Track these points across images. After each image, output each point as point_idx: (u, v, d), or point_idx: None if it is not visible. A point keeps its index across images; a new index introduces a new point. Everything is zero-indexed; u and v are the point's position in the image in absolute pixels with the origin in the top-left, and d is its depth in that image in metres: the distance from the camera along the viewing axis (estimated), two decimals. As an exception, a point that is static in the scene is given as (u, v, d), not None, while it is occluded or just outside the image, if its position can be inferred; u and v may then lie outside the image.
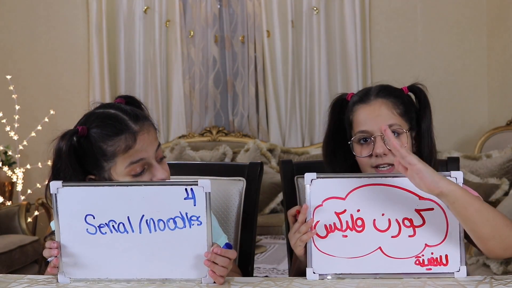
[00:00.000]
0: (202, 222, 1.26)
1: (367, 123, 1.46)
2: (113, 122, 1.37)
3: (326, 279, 1.31)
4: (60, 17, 5.25)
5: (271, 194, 4.55)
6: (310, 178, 1.31)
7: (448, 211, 1.29)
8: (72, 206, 1.28)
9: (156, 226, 1.27)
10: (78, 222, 1.28)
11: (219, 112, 5.34)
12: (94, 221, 1.28)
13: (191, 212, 1.26)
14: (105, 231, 1.28)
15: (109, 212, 1.27)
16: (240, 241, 1.71)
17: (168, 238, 1.27)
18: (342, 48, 5.15)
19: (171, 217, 1.26)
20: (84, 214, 1.27)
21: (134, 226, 1.27)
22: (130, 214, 1.27)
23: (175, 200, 1.26)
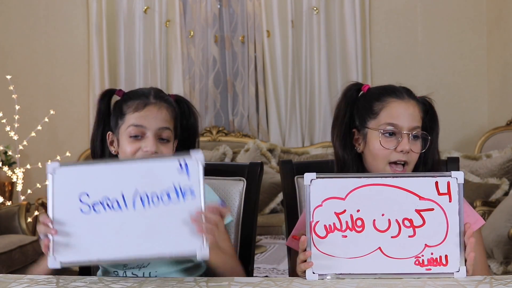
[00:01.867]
0: (196, 195, 1.26)
1: (400, 118, 1.48)
2: (140, 92, 1.54)
3: (326, 279, 1.31)
4: (60, 17, 5.24)
5: (271, 194, 4.55)
6: (310, 178, 1.31)
7: (448, 211, 1.29)
8: (67, 186, 1.29)
9: (150, 200, 1.27)
10: (73, 201, 1.28)
11: (219, 112, 5.34)
12: (89, 199, 1.28)
13: (185, 184, 1.26)
14: (99, 209, 1.28)
15: (103, 189, 1.28)
16: (240, 241, 1.71)
17: (162, 213, 1.26)
18: (342, 48, 5.15)
19: (165, 190, 1.26)
20: (79, 193, 1.28)
21: (128, 202, 1.27)
22: (124, 190, 1.27)
23: (168, 173, 1.27)
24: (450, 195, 1.29)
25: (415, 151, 1.48)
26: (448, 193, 1.29)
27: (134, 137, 1.47)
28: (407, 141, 1.46)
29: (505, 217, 3.01)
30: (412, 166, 1.49)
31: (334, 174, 1.36)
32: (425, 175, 1.32)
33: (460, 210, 1.29)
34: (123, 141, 1.49)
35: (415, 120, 1.48)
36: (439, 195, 1.29)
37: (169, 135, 1.50)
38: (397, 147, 1.46)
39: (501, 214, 3.08)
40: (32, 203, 4.34)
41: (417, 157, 1.49)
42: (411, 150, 1.46)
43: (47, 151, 4.97)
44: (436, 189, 1.29)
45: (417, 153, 1.48)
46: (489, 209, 3.30)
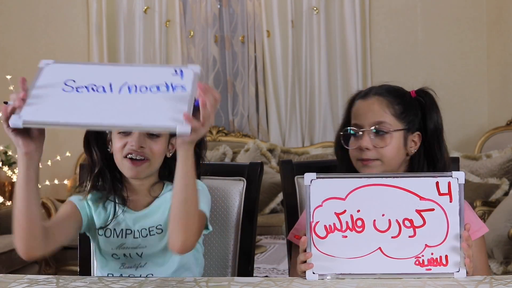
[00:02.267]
0: (187, 89, 1.22)
1: (360, 116, 1.52)
2: None
3: (326, 279, 1.31)
4: (60, 17, 5.24)
5: (271, 194, 4.55)
6: (310, 178, 1.31)
7: (449, 211, 1.29)
8: (56, 74, 1.25)
9: (138, 89, 1.22)
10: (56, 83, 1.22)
11: (219, 112, 5.34)
12: (74, 83, 1.22)
13: (178, 82, 1.23)
14: (82, 90, 1.21)
15: (90, 78, 1.23)
16: (240, 241, 1.71)
17: (147, 98, 1.21)
18: (342, 48, 5.15)
19: (155, 84, 1.22)
20: (66, 79, 1.23)
21: (114, 88, 1.21)
22: (113, 80, 1.22)
23: (162, 75, 1.24)
24: (451, 195, 1.29)
25: (380, 146, 1.48)
26: (449, 193, 1.29)
27: (122, 133, 1.45)
28: (366, 138, 1.49)
29: (505, 217, 3.01)
30: (387, 162, 1.49)
31: (334, 174, 1.36)
32: (425, 175, 1.32)
33: (460, 210, 1.29)
34: (114, 137, 1.48)
35: (376, 116, 1.50)
36: (439, 195, 1.29)
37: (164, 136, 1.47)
38: (358, 145, 1.50)
39: (501, 214, 3.08)
40: (32, 203, 4.34)
41: (388, 152, 1.48)
42: (374, 146, 1.48)
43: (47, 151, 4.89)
44: (436, 189, 1.29)
45: (382, 147, 1.48)
46: (489, 209, 3.30)
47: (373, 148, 1.48)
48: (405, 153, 1.53)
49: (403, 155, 1.53)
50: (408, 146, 1.53)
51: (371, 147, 1.48)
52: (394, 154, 1.50)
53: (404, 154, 1.53)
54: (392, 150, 1.49)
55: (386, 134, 1.49)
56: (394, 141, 1.49)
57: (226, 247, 1.70)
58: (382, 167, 1.49)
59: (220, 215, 1.71)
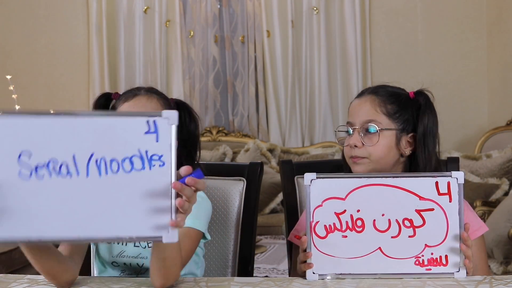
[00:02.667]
0: (166, 163, 1.05)
1: (352, 115, 1.54)
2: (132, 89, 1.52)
3: (326, 279, 1.31)
4: (60, 17, 5.24)
5: (271, 194, 4.55)
6: (310, 178, 1.31)
7: (448, 211, 1.29)
8: (6, 141, 1.04)
9: (108, 168, 1.04)
10: (10, 161, 1.03)
11: (219, 112, 5.34)
12: (30, 160, 1.03)
13: (152, 149, 1.05)
14: (42, 173, 1.04)
15: (50, 148, 1.04)
16: (240, 241, 1.71)
17: (122, 183, 1.04)
18: (342, 48, 5.15)
19: (128, 156, 1.05)
20: (19, 151, 1.03)
21: (80, 168, 1.04)
22: (76, 152, 1.04)
23: (133, 135, 1.05)
24: (450, 195, 1.29)
25: (368, 144, 1.49)
26: (448, 193, 1.29)
27: None
28: (355, 136, 1.51)
29: (505, 217, 3.01)
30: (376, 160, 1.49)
31: (334, 174, 1.36)
32: (425, 175, 1.31)
33: (460, 210, 1.29)
34: None
35: (366, 115, 1.51)
36: (439, 195, 1.29)
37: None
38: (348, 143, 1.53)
39: (501, 214, 3.08)
40: (32, 203, 4.34)
41: (376, 151, 1.49)
42: (363, 144, 1.49)
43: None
44: (436, 189, 1.29)
45: (370, 146, 1.49)
46: (489, 209, 3.30)
47: (361, 145, 1.49)
48: (399, 153, 1.52)
49: (396, 155, 1.52)
50: (402, 147, 1.52)
51: (360, 145, 1.50)
52: (384, 153, 1.50)
53: (397, 154, 1.52)
54: (381, 149, 1.49)
55: (375, 133, 1.49)
56: (384, 141, 1.49)
57: (226, 247, 1.71)
58: (371, 165, 1.49)
59: (220, 215, 1.71)
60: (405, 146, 1.52)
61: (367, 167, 1.49)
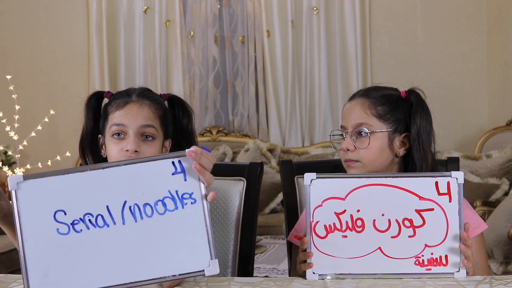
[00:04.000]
0: (197, 199, 1.09)
1: (344, 118, 1.56)
2: (124, 92, 1.51)
3: (326, 279, 1.31)
4: (60, 17, 5.24)
5: (271, 194, 4.55)
6: (310, 178, 1.31)
7: (448, 211, 1.29)
8: (37, 204, 1.07)
9: (142, 212, 1.08)
10: (46, 222, 1.07)
11: (219, 112, 5.34)
12: (66, 217, 1.07)
13: (182, 189, 1.08)
14: (80, 228, 1.07)
15: (83, 204, 1.07)
16: (240, 241, 1.71)
17: (158, 225, 1.08)
18: (342, 48, 5.15)
19: (159, 199, 1.08)
20: (53, 211, 1.07)
21: (115, 217, 1.07)
22: (109, 203, 1.08)
23: (161, 178, 1.08)
24: (450, 195, 1.29)
25: (360, 147, 1.50)
26: (448, 193, 1.29)
27: (117, 136, 1.43)
28: (347, 140, 1.52)
29: (505, 217, 3.01)
30: (368, 163, 1.50)
31: (334, 174, 1.36)
32: (425, 175, 1.31)
33: (460, 210, 1.29)
34: (108, 141, 1.46)
35: (357, 118, 1.52)
36: (439, 195, 1.29)
37: (153, 133, 1.45)
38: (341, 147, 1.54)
39: (501, 214, 3.08)
40: (32, 203, 4.34)
41: (369, 153, 1.50)
42: (355, 148, 1.50)
43: (47, 151, 4.97)
44: (436, 189, 1.29)
45: (362, 149, 1.49)
46: (489, 209, 3.30)
47: (354, 149, 1.50)
48: (393, 154, 1.53)
49: (389, 156, 1.52)
50: (396, 147, 1.52)
51: (352, 148, 1.51)
52: (376, 155, 1.50)
53: (391, 155, 1.53)
54: (372, 151, 1.50)
55: (366, 136, 1.50)
56: (376, 143, 1.50)
57: (226, 247, 1.70)
58: (364, 168, 1.50)
59: (220, 215, 1.71)
60: (398, 147, 1.53)
61: (361, 171, 1.50)
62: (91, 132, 1.53)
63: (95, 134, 1.53)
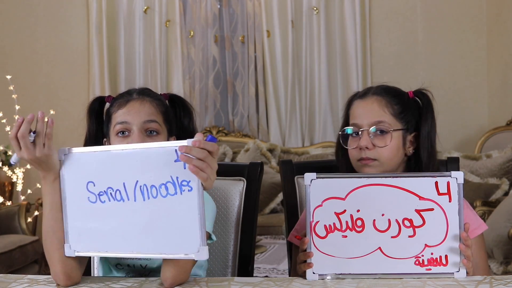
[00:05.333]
0: (193, 188, 1.17)
1: (359, 116, 1.52)
2: (125, 92, 1.54)
3: (326, 279, 1.31)
4: (60, 17, 5.24)
5: (271, 194, 4.55)
6: (310, 178, 1.31)
7: (448, 211, 1.29)
8: (76, 173, 1.28)
9: (149, 193, 1.21)
10: (81, 190, 1.27)
11: (219, 112, 5.34)
12: (95, 188, 1.26)
13: (181, 176, 1.18)
14: (104, 199, 1.26)
15: (107, 178, 1.25)
16: (240, 241, 1.71)
17: (160, 206, 1.20)
18: (342, 48, 5.15)
19: (163, 183, 1.20)
20: (86, 181, 1.27)
21: (129, 194, 1.23)
22: (126, 180, 1.24)
23: (166, 164, 1.19)
24: (450, 195, 1.29)
25: (379, 145, 1.48)
26: (448, 193, 1.29)
27: (121, 134, 1.45)
28: (365, 138, 1.49)
29: (505, 217, 3.02)
30: (386, 162, 1.49)
31: (334, 174, 1.36)
32: (425, 175, 1.31)
33: (460, 210, 1.29)
34: (113, 141, 1.47)
35: (376, 116, 1.50)
36: (439, 195, 1.29)
37: (156, 127, 1.47)
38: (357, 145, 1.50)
39: (501, 214, 3.08)
40: (32, 203, 4.34)
41: (387, 152, 1.48)
42: (373, 146, 1.48)
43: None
44: (436, 189, 1.29)
45: (382, 147, 1.48)
46: (489, 209, 3.30)
47: (372, 147, 1.48)
48: (404, 154, 1.53)
49: (402, 156, 1.53)
50: (407, 147, 1.53)
51: (371, 146, 1.48)
52: (393, 154, 1.50)
53: (403, 155, 1.53)
54: (391, 150, 1.49)
55: (386, 134, 1.49)
56: (394, 141, 1.49)
57: (226, 247, 1.70)
58: (381, 167, 1.49)
59: (220, 215, 1.71)
60: (408, 146, 1.53)
61: (378, 170, 1.48)
62: (95, 137, 1.55)
63: (98, 138, 1.55)
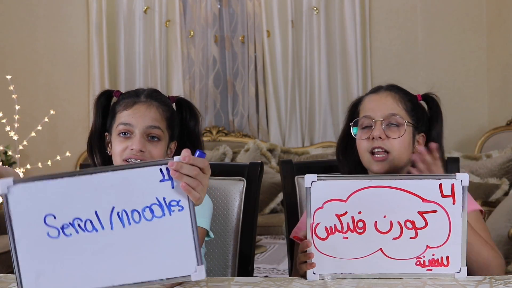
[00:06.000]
0: (184, 207, 1.09)
1: (371, 109, 1.54)
2: (133, 92, 1.53)
3: (327, 280, 1.31)
4: (60, 17, 5.24)
5: (271, 194, 4.55)
6: (311, 180, 1.30)
7: (451, 213, 1.28)
8: (28, 208, 1.08)
9: (130, 218, 1.09)
10: (36, 226, 1.08)
11: (219, 112, 5.34)
12: (56, 221, 1.09)
13: (170, 196, 1.08)
14: (69, 232, 1.09)
15: (72, 208, 1.08)
16: (240, 241, 1.71)
17: (146, 231, 1.09)
18: (342, 48, 5.15)
19: (147, 205, 1.09)
20: (43, 215, 1.08)
21: (104, 222, 1.09)
22: (98, 208, 1.08)
23: (149, 185, 1.08)
24: (454, 197, 1.27)
25: (392, 137, 1.50)
26: (452, 195, 1.27)
27: (123, 135, 1.45)
28: (378, 128, 1.51)
29: (505, 217, 3.01)
30: (396, 155, 1.51)
31: (335, 176, 1.36)
32: (429, 177, 1.30)
33: (463, 212, 1.28)
34: (114, 140, 1.48)
35: (389, 108, 1.53)
36: (442, 197, 1.28)
37: (159, 134, 1.47)
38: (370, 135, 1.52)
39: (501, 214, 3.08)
40: (32, 203, 4.34)
41: (399, 145, 1.50)
42: (386, 136, 1.50)
43: (47, 151, 4.97)
44: (440, 191, 1.28)
45: (395, 138, 1.50)
46: (489, 209, 3.30)
47: (385, 138, 1.50)
48: (411, 151, 1.54)
49: (410, 153, 1.54)
50: (415, 145, 1.55)
51: (384, 137, 1.50)
52: (404, 148, 1.52)
53: (411, 152, 1.54)
54: (402, 143, 1.51)
55: (400, 126, 1.52)
56: (405, 135, 1.52)
57: (226, 247, 1.70)
58: (392, 163, 1.51)
59: (220, 215, 1.71)
60: (417, 145, 1.56)
61: (387, 166, 1.50)
62: (100, 130, 1.55)
63: (104, 132, 1.55)
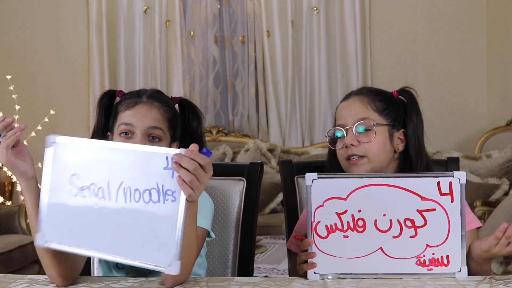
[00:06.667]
0: (177, 199, 1.14)
1: (343, 117, 1.55)
2: (135, 92, 1.54)
3: (327, 279, 1.31)
4: (60, 17, 5.24)
5: (271, 194, 4.55)
6: (311, 178, 1.31)
7: (450, 212, 1.29)
8: (62, 162, 1.25)
9: (132, 196, 1.18)
10: (64, 181, 1.24)
11: (219, 112, 5.34)
12: (78, 181, 1.22)
13: (167, 185, 1.15)
14: (85, 194, 1.21)
15: (92, 174, 1.21)
16: (240, 241, 1.71)
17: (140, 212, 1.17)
18: (342, 48, 5.15)
19: (148, 188, 1.16)
20: (70, 173, 1.23)
21: (112, 193, 1.19)
22: (111, 179, 1.20)
23: (154, 169, 1.16)
24: (452, 195, 1.29)
25: (364, 141, 1.49)
26: (450, 193, 1.29)
27: (124, 135, 1.46)
28: (350, 135, 1.51)
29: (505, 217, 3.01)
30: (372, 157, 1.50)
31: (336, 174, 1.36)
32: (427, 175, 1.31)
33: (462, 210, 1.29)
34: (115, 139, 1.48)
35: (358, 113, 1.52)
36: (441, 195, 1.29)
37: (160, 134, 1.47)
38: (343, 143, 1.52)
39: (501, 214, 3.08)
40: (32, 203, 4.33)
41: (375, 147, 1.50)
42: (359, 142, 1.49)
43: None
44: (438, 189, 1.29)
45: (367, 142, 1.49)
46: (489, 209, 3.30)
47: (358, 144, 1.50)
48: (392, 150, 1.54)
49: (390, 152, 1.54)
50: (395, 143, 1.54)
51: (356, 143, 1.50)
52: (380, 149, 1.51)
53: (392, 151, 1.54)
54: (377, 145, 1.50)
55: (370, 130, 1.51)
56: (379, 137, 1.51)
57: (226, 247, 1.70)
58: (370, 164, 1.50)
59: (220, 215, 1.71)
60: (397, 142, 1.55)
61: (366, 168, 1.50)
62: (102, 130, 1.56)
63: (106, 132, 1.56)
